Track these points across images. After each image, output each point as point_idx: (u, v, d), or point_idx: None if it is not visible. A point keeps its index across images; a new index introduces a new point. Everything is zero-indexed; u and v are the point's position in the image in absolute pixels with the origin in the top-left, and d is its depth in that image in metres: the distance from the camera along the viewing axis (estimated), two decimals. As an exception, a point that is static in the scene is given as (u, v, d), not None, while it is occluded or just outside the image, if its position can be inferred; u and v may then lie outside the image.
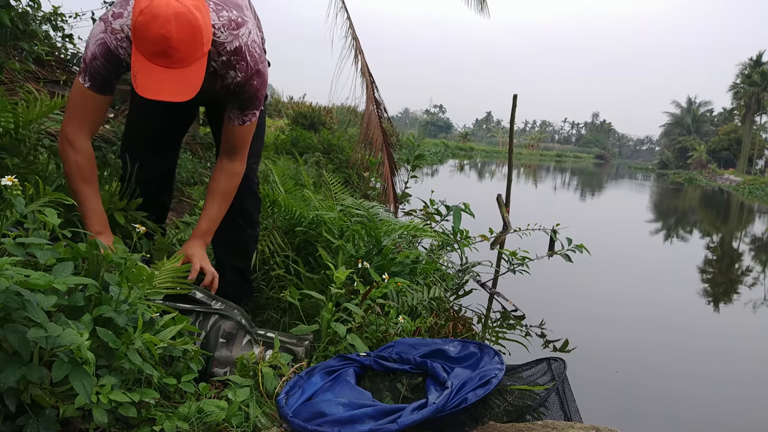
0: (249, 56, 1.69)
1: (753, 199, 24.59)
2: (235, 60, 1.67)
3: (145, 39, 1.41)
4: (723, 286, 6.40)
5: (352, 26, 5.86)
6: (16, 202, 1.24)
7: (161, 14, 1.39)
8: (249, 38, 1.69)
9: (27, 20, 3.62)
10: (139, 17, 1.40)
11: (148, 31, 1.40)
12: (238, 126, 1.81)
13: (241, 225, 2.07)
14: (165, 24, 1.40)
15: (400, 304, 2.44)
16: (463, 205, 4.18)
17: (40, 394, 1.11)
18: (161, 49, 1.42)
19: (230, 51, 1.66)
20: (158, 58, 1.43)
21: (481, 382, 1.54)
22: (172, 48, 1.42)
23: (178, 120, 2.08)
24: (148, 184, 2.03)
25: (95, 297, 1.27)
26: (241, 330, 1.69)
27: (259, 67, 1.72)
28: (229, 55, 1.66)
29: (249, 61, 1.69)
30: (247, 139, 1.86)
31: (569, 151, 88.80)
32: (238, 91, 1.73)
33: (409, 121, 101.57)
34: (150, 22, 1.39)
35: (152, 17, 1.39)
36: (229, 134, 1.84)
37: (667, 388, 3.14)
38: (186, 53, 1.45)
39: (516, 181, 14.68)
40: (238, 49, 1.66)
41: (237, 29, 1.66)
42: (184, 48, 1.44)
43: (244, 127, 1.82)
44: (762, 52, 44.29)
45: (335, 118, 10.54)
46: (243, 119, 1.80)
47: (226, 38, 1.64)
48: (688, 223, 13.53)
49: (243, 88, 1.73)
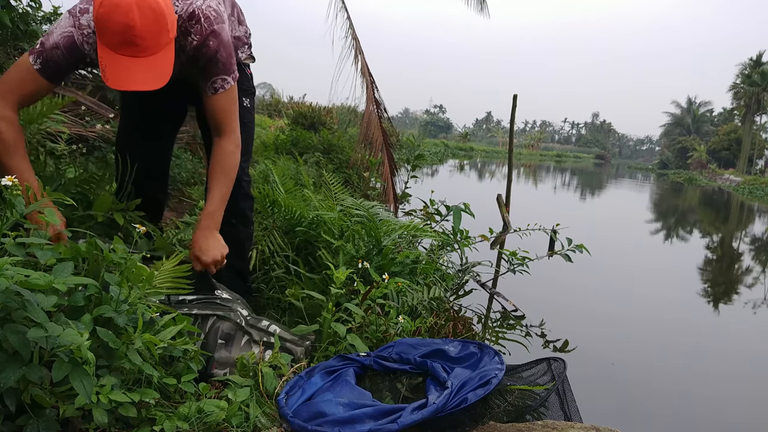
0: (203, 18, 1.68)
1: (753, 199, 24.59)
2: (190, 25, 1.66)
3: (109, 30, 1.40)
4: (723, 286, 6.40)
5: (352, 26, 5.86)
6: (16, 202, 1.24)
7: (122, 3, 1.39)
8: (204, 3, 1.68)
9: (27, 20, 3.61)
10: (100, 9, 1.40)
11: (111, 21, 1.39)
12: (212, 96, 1.76)
13: (234, 224, 2.07)
14: (127, 12, 1.39)
15: (400, 304, 2.44)
16: (463, 205, 4.18)
17: (40, 394, 1.11)
18: (126, 39, 1.41)
19: (185, 18, 1.65)
20: (124, 48, 1.42)
21: (481, 382, 1.54)
22: (137, 36, 1.41)
23: (163, 115, 2.07)
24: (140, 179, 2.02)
25: (95, 297, 1.27)
26: (240, 330, 1.70)
27: (214, 27, 1.70)
28: (184, 22, 1.65)
29: (203, 23, 1.68)
30: (227, 110, 1.79)
31: (569, 151, 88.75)
32: (197, 56, 1.70)
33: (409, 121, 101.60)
34: (112, 12, 1.39)
35: (113, 7, 1.39)
36: (208, 110, 1.79)
37: (667, 388, 3.14)
38: (152, 40, 1.44)
39: (516, 181, 14.67)
40: (192, 13, 1.66)
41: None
42: (150, 35, 1.43)
43: (218, 96, 1.76)
44: (762, 52, 44.29)
45: (335, 118, 10.53)
46: (214, 87, 1.75)
47: (181, 9, 1.64)
48: (688, 223, 13.53)
49: (200, 50, 1.70)
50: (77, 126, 3.48)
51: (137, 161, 2.00)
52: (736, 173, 41.43)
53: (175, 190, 3.89)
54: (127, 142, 2.04)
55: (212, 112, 1.79)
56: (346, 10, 5.86)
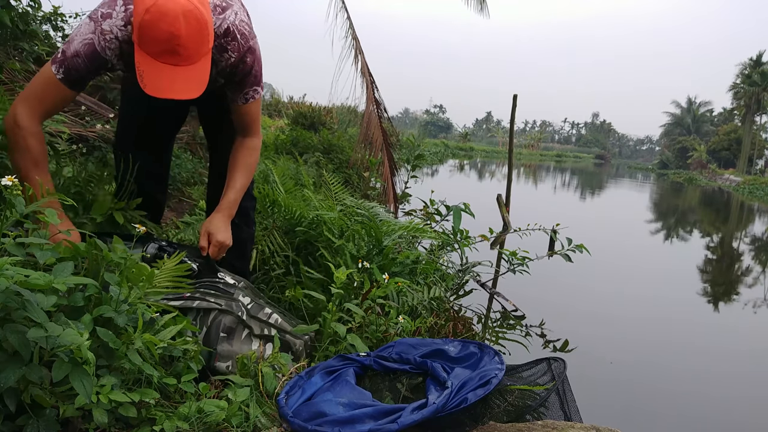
0: (239, 35, 1.69)
1: (753, 199, 24.59)
2: (226, 42, 1.68)
3: (153, 37, 1.40)
4: (723, 285, 6.40)
5: (352, 26, 5.86)
6: (16, 202, 1.24)
7: (170, 12, 1.38)
8: (236, 18, 1.70)
9: (27, 20, 3.62)
10: (146, 16, 1.38)
11: (156, 29, 1.38)
12: (243, 105, 1.83)
13: (237, 223, 2.07)
14: (173, 22, 1.38)
15: (400, 304, 2.44)
16: (463, 205, 4.17)
17: (40, 394, 1.11)
18: (170, 48, 1.41)
19: (220, 34, 1.66)
20: (166, 56, 1.42)
21: (481, 382, 1.54)
22: (181, 46, 1.41)
23: (167, 116, 2.07)
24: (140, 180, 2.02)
25: (95, 297, 1.27)
26: (240, 324, 1.70)
27: (250, 43, 1.73)
28: (219, 38, 1.66)
29: (239, 40, 1.69)
30: (256, 115, 1.88)
31: (569, 151, 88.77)
32: (233, 72, 1.74)
33: (409, 121, 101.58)
34: (158, 20, 1.38)
35: (160, 15, 1.38)
36: (238, 115, 1.86)
37: (667, 388, 3.14)
38: (194, 50, 1.44)
39: (516, 181, 14.66)
40: (228, 30, 1.67)
41: (223, 12, 1.67)
42: (193, 45, 1.43)
43: (249, 105, 1.84)
44: (762, 52, 44.27)
45: (335, 118, 10.53)
46: (245, 97, 1.81)
47: (215, 23, 1.64)
48: (688, 222, 13.53)
49: (237, 67, 1.73)
50: (77, 126, 3.48)
51: (138, 161, 2.00)
52: (736, 173, 41.43)
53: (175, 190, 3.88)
54: (127, 142, 2.04)
55: (241, 118, 1.86)
56: (346, 10, 5.86)
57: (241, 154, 1.89)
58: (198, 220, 2.74)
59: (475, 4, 7.31)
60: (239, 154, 1.89)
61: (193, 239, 2.58)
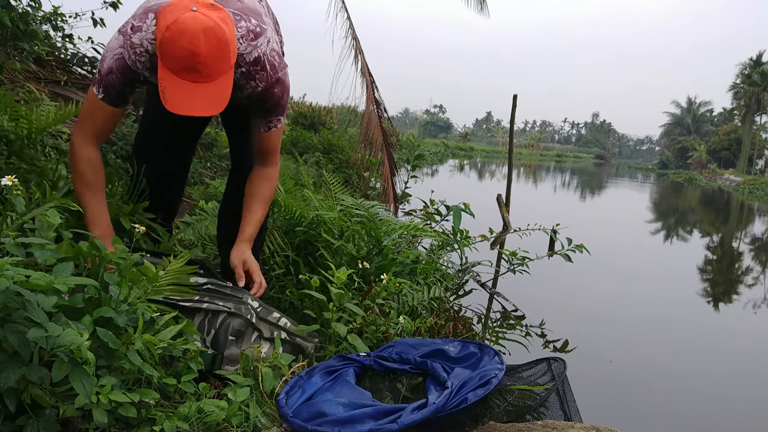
0: (269, 65, 1.68)
1: (753, 199, 24.60)
2: (255, 70, 1.66)
3: (173, 55, 1.39)
4: (723, 285, 6.40)
5: (352, 26, 5.86)
6: (16, 203, 1.24)
7: (189, 30, 1.37)
8: (268, 47, 1.68)
9: (27, 20, 3.61)
10: (166, 33, 1.38)
11: (176, 47, 1.38)
12: (265, 133, 1.82)
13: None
14: (193, 39, 1.37)
15: (400, 304, 2.44)
16: (463, 205, 4.17)
17: (40, 394, 1.11)
18: (190, 65, 1.40)
19: (249, 62, 1.64)
20: (186, 73, 1.42)
21: (481, 382, 1.54)
22: (201, 63, 1.40)
23: (197, 123, 2.08)
24: (161, 184, 2.02)
25: (95, 297, 1.27)
26: (250, 327, 1.70)
27: (278, 75, 1.71)
28: (248, 65, 1.65)
29: (269, 71, 1.68)
30: (276, 144, 1.88)
31: (569, 151, 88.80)
32: (259, 100, 1.73)
33: (409, 121, 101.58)
34: (178, 38, 1.37)
35: (180, 33, 1.37)
36: (258, 141, 1.85)
37: (667, 388, 3.14)
38: (214, 68, 1.44)
39: (516, 181, 14.67)
40: (258, 59, 1.65)
41: (256, 39, 1.64)
42: (213, 63, 1.42)
43: (271, 134, 1.83)
44: (762, 52, 44.28)
45: (335, 118, 10.53)
46: (268, 125, 1.81)
47: (245, 49, 1.62)
48: (688, 223, 13.53)
49: (264, 97, 1.72)
50: (77, 126, 3.48)
51: (159, 169, 1.99)
52: (736, 173, 41.43)
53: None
54: (149, 151, 2.02)
55: (263, 145, 1.86)
56: (346, 10, 5.86)
57: (259, 185, 1.88)
58: (198, 220, 2.74)
59: (475, 4, 7.31)
60: (257, 184, 1.88)
61: (193, 239, 2.58)
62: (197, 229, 2.65)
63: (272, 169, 1.90)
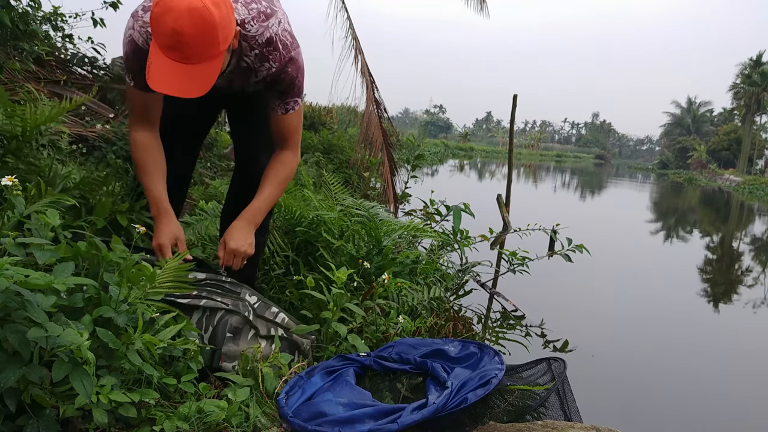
0: (281, 45, 1.69)
1: (753, 199, 24.59)
2: (268, 51, 1.67)
3: (158, 31, 1.41)
4: (723, 285, 6.40)
5: (352, 26, 5.86)
6: (16, 203, 1.24)
7: (175, 8, 1.38)
8: (280, 27, 1.69)
9: (27, 20, 3.61)
10: (155, 8, 1.40)
11: (161, 23, 1.39)
12: (282, 115, 1.82)
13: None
14: (178, 18, 1.38)
15: (400, 304, 2.44)
16: (463, 205, 4.17)
17: (40, 394, 1.11)
18: (173, 43, 1.41)
19: (262, 43, 1.66)
20: (170, 51, 1.42)
21: (481, 382, 1.54)
22: (183, 43, 1.40)
23: (209, 119, 2.09)
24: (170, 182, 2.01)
25: (95, 297, 1.27)
26: (247, 324, 1.70)
27: (291, 54, 1.72)
28: (261, 47, 1.66)
29: (281, 50, 1.69)
30: (296, 127, 1.87)
31: (569, 151, 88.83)
32: (274, 81, 1.74)
33: (409, 121, 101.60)
34: (164, 14, 1.38)
35: (166, 9, 1.38)
36: (276, 125, 1.84)
37: (667, 388, 3.14)
38: (198, 49, 1.43)
39: (516, 181, 14.68)
40: (270, 39, 1.67)
41: (267, 20, 1.66)
42: (196, 44, 1.42)
43: (289, 116, 1.82)
44: (762, 52, 44.27)
45: (335, 118, 10.54)
46: (285, 108, 1.80)
47: (257, 31, 1.64)
48: (688, 222, 13.53)
49: (279, 77, 1.73)
50: (77, 126, 3.48)
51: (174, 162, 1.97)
52: (736, 173, 41.42)
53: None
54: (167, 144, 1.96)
55: (281, 129, 1.85)
56: (346, 10, 5.86)
57: (278, 167, 1.86)
58: (198, 220, 2.74)
59: (475, 4, 7.31)
60: (276, 167, 1.86)
61: (193, 239, 2.58)
62: (197, 229, 2.65)
63: (290, 153, 1.88)
